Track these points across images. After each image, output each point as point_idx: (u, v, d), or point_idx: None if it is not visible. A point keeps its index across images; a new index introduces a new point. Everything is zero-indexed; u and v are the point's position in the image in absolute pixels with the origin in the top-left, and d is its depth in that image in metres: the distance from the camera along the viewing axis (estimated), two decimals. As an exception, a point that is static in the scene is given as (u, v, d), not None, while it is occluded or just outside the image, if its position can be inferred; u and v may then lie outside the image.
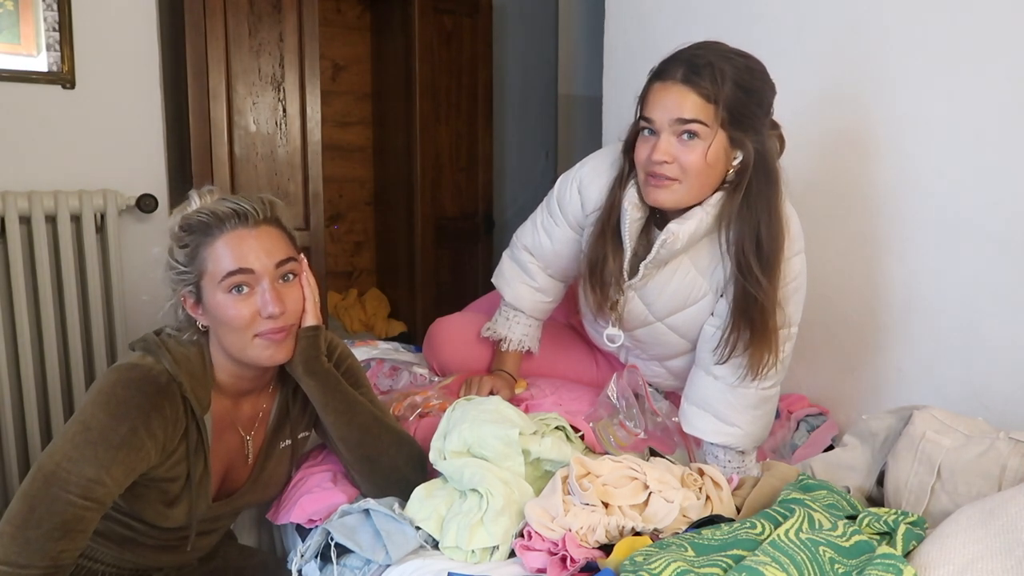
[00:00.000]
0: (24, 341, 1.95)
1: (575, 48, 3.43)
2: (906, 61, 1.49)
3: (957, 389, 1.46)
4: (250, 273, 1.11)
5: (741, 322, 1.32)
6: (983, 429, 1.12)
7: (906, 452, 1.12)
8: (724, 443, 1.41)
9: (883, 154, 1.54)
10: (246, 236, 1.11)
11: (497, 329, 1.63)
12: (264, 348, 1.13)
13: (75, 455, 1.01)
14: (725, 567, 0.86)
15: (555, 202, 1.51)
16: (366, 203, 3.63)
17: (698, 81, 1.22)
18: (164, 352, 1.11)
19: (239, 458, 1.24)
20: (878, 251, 1.57)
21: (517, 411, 1.22)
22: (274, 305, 1.11)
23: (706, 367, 1.42)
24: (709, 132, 1.23)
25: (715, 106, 1.22)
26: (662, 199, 1.29)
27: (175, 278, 1.14)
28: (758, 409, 1.41)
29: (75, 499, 0.99)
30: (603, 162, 1.44)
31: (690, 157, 1.25)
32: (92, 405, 1.05)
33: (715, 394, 1.41)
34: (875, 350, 1.60)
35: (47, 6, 1.96)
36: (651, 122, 1.27)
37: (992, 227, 1.38)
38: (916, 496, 1.10)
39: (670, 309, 1.43)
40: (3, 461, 1.99)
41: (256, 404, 1.25)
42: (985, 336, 1.41)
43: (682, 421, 1.46)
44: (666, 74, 1.25)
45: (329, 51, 3.39)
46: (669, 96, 1.24)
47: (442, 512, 1.11)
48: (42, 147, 2.02)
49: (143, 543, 1.20)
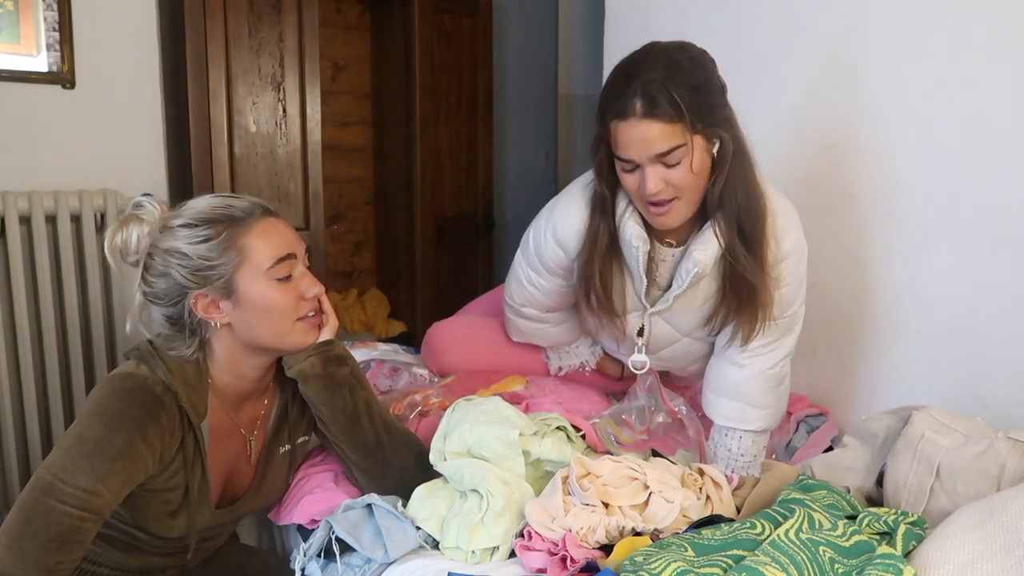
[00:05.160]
0: (24, 341, 1.95)
1: (575, 48, 3.43)
2: (906, 60, 1.49)
3: (956, 389, 1.46)
4: (294, 258, 1.14)
5: (731, 297, 1.34)
6: (982, 429, 1.12)
7: (905, 452, 1.12)
8: (760, 427, 1.43)
9: (882, 154, 1.54)
10: (278, 224, 1.15)
11: (567, 362, 1.68)
12: (305, 331, 1.16)
13: (71, 467, 1.00)
14: (725, 567, 0.86)
15: (534, 257, 1.48)
16: (366, 203, 3.63)
17: (657, 112, 1.19)
18: (158, 361, 1.10)
19: (242, 460, 1.23)
20: (877, 251, 1.57)
21: (517, 411, 1.22)
22: (317, 286, 1.15)
23: (731, 359, 1.43)
24: (687, 147, 1.22)
25: (682, 123, 1.20)
26: (670, 221, 1.30)
27: (194, 277, 1.09)
28: (781, 385, 1.45)
29: (71, 510, 0.99)
30: (570, 205, 1.40)
31: (678, 175, 1.24)
32: (88, 416, 1.05)
33: (744, 381, 1.42)
34: (874, 350, 1.60)
35: (47, 6, 1.96)
36: (630, 161, 1.25)
37: (992, 227, 1.38)
38: (915, 496, 1.10)
39: (696, 324, 1.44)
40: (3, 461, 1.99)
41: (258, 404, 1.25)
42: (984, 336, 1.41)
43: (708, 411, 1.48)
44: (625, 112, 1.22)
45: (329, 51, 3.38)
46: (636, 134, 1.22)
47: (442, 512, 1.11)
48: (42, 147, 2.02)
49: (147, 550, 1.20)
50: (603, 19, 2.25)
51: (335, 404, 1.21)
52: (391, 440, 1.24)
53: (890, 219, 1.54)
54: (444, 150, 3.24)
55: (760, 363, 1.41)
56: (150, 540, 1.18)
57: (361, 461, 1.24)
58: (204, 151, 2.18)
